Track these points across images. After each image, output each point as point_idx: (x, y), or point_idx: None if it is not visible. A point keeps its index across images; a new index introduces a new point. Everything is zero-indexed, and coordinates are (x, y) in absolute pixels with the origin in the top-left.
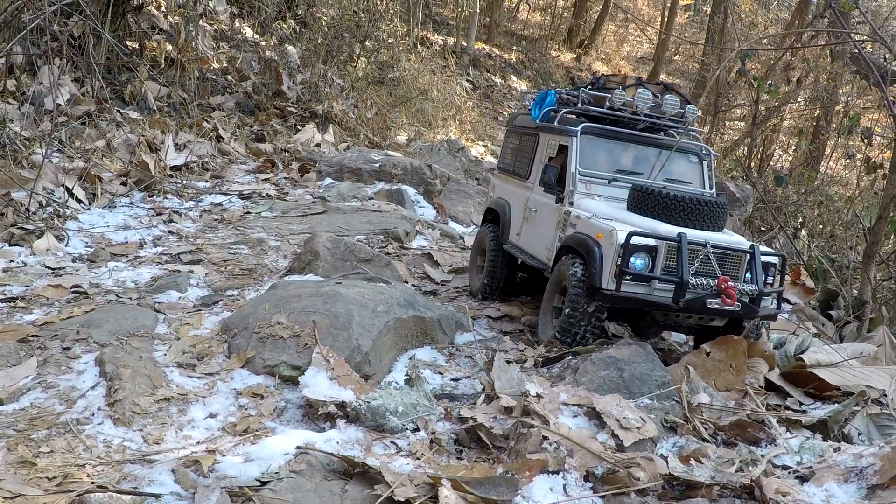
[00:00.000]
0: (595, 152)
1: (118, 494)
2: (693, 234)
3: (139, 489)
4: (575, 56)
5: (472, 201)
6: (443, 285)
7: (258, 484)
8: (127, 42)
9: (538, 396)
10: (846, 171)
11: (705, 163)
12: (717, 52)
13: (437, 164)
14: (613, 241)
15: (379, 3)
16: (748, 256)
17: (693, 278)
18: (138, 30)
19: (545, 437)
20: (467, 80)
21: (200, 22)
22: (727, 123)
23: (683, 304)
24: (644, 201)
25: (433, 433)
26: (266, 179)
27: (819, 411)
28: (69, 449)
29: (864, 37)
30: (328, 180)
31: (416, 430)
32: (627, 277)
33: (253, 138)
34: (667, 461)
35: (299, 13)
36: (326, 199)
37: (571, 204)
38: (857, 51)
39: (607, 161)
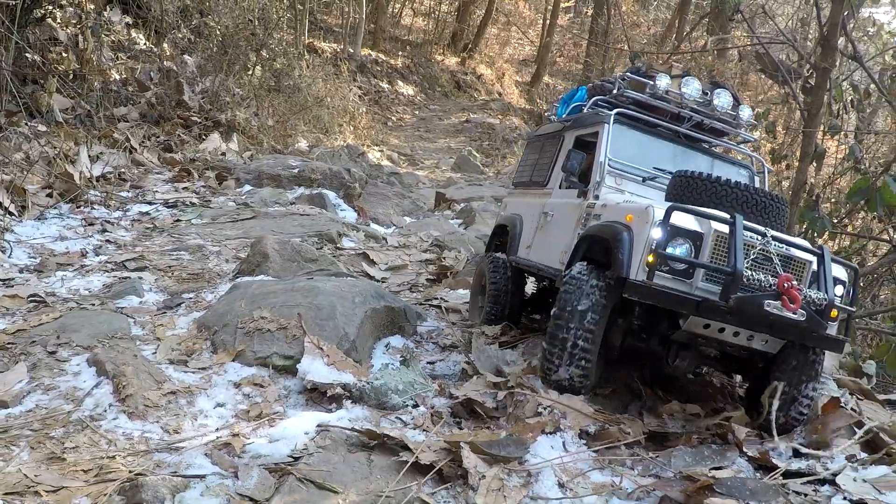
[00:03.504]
0: (629, 144)
1: (170, 477)
2: (749, 224)
3: (178, 473)
4: (459, 60)
5: (391, 203)
6: (383, 282)
7: (291, 460)
8: (27, 55)
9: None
10: None
11: (757, 179)
12: (602, 52)
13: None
14: (649, 220)
15: (273, 12)
16: (815, 264)
17: (750, 272)
18: (37, 42)
19: (540, 403)
20: (357, 87)
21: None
22: None
23: (734, 303)
24: (689, 189)
25: (432, 408)
26: (185, 188)
27: None
28: (93, 443)
29: (769, 38)
30: (248, 187)
31: (416, 405)
32: (663, 266)
33: (161, 148)
34: (642, 419)
35: (193, 23)
36: (249, 205)
37: (597, 198)
38: (763, 51)
39: (642, 157)
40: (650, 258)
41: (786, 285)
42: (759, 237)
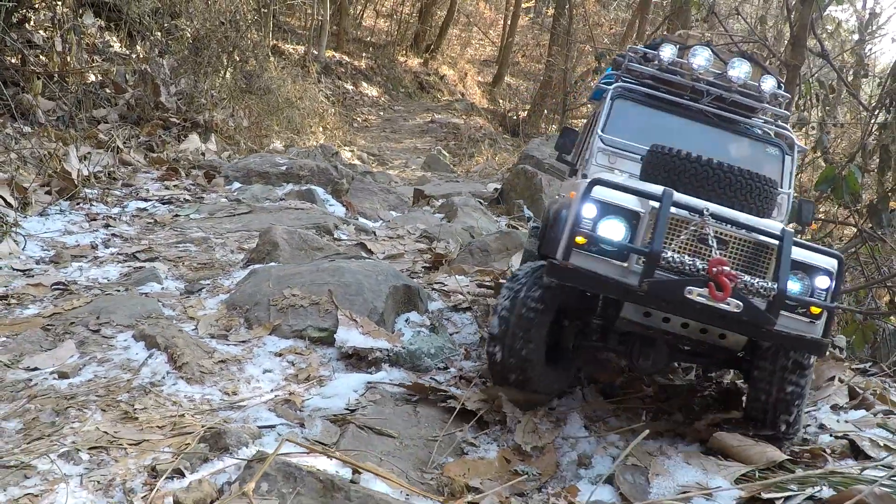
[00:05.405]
0: (631, 121)
1: (247, 425)
2: (694, 200)
3: (249, 425)
4: (422, 61)
5: (377, 198)
6: None
7: (348, 412)
8: (6, 57)
9: None
10: None
11: (788, 158)
12: (564, 52)
13: None
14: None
15: (245, 14)
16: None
17: (673, 254)
18: (14, 45)
19: None
20: (324, 87)
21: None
22: (573, 122)
23: (647, 287)
24: (658, 166)
25: (461, 370)
26: (175, 186)
27: None
28: (159, 405)
29: (740, 37)
30: (237, 184)
31: (446, 368)
32: (583, 245)
33: (144, 148)
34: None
35: (164, 25)
36: (242, 201)
37: (584, 177)
38: (738, 50)
39: (646, 134)
40: (568, 237)
41: (714, 270)
42: (698, 215)
